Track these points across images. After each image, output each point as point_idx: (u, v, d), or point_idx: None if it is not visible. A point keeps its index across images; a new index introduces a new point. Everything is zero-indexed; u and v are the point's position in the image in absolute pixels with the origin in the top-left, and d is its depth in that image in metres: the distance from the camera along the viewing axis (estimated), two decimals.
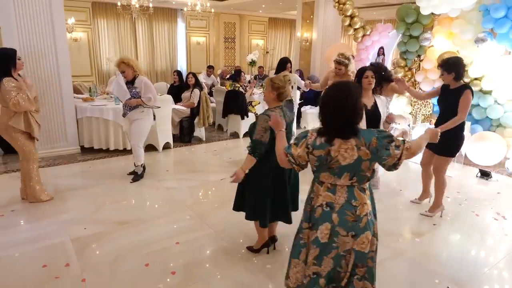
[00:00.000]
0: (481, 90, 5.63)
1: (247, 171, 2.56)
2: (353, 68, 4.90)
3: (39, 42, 5.01)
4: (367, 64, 7.65)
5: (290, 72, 5.32)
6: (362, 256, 1.83)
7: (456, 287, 2.61)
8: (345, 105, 1.75)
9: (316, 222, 1.86)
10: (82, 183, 4.44)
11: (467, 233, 3.50)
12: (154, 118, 4.62)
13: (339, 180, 1.81)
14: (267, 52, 14.27)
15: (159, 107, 4.61)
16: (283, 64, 5.25)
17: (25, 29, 4.88)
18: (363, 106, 1.86)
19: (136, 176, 4.54)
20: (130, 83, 4.26)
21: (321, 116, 1.83)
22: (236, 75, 8.03)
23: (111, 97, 6.00)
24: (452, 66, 3.37)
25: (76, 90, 6.89)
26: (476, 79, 5.65)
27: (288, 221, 2.76)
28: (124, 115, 4.41)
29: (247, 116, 6.56)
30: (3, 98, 3.41)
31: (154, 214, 3.68)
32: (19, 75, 3.59)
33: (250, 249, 2.94)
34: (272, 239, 2.97)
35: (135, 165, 4.58)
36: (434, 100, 5.92)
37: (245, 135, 6.62)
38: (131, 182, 4.45)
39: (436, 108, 5.89)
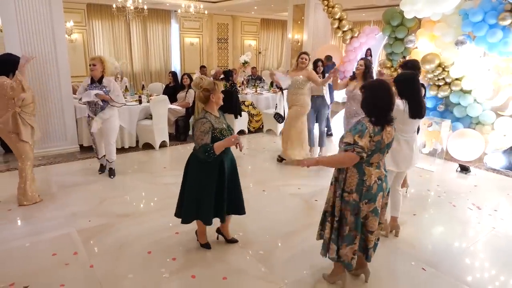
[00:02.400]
0: (461, 90, 5.96)
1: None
2: (311, 67, 5.32)
3: (39, 44, 5.20)
4: (355, 65, 7.97)
5: (318, 72, 5.48)
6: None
7: (430, 269, 2.89)
8: (393, 101, 2.32)
9: (373, 197, 2.34)
10: (83, 179, 4.66)
11: (443, 221, 3.81)
12: (151, 117, 4.77)
13: (383, 156, 2.36)
14: (259, 53, 14.53)
15: (125, 105, 4.82)
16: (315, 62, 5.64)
17: (26, 32, 5.07)
18: None
19: (113, 171, 4.74)
20: (98, 82, 4.42)
21: (376, 111, 2.27)
22: (229, 74, 8.27)
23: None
24: (411, 68, 3.89)
25: (74, 91, 7.06)
26: (456, 79, 5.97)
27: (222, 219, 2.91)
28: (95, 114, 4.47)
29: (240, 115, 6.81)
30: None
31: (154, 208, 3.92)
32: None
33: (201, 245, 3.08)
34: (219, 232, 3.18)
35: (109, 161, 4.73)
36: None
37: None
38: (111, 178, 4.67)
39: None
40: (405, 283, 2.73)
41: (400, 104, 3.09)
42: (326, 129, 5.75)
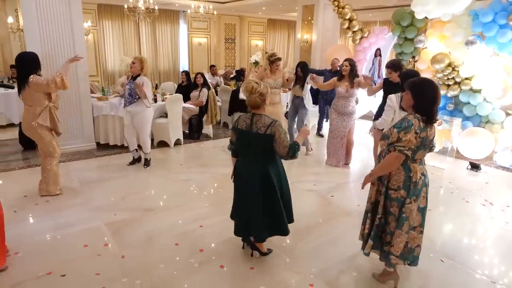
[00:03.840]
0: (471, 89, 6.05)
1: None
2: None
3: (59, 43, 5.32)
4: (364, 65, 8.08)
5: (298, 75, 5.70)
6: None
7: (449, 260, 3.00)
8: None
9: (419, 193, 2.38)
10: (103, 176, 4.78)
11: (457, 216, 3.91)
12: (166, 116, 4.97)
13: (426, 153, 2.39)
14: (266, 53, 14.62)
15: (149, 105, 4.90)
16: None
17: (46, 31, 5.20)
18: None
19: (148, 162, 5.09)
20: (133, 78, 4.73)
21: (429, 109, 2.29)
22: (240, 74, 8.41)
23: (121, 96, 6.33)
24: (397, 66, 4.43)
25: (90, 90, 7.19)
26: (466, 78, 6.06)
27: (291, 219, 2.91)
28: (124, 105, 4.85)
29: None
30: (31, 96, 3.70)
31: (175, 203, 4.03)
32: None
33: (262, 253, 2.95)
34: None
35: (144, 152, 5.10)
36: None
37: None
38: (145, 168, 5.01)
39: None
40: (425, 273, 2.83)
41: (393, 98, 3.66)
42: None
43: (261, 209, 2.66)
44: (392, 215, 2.44)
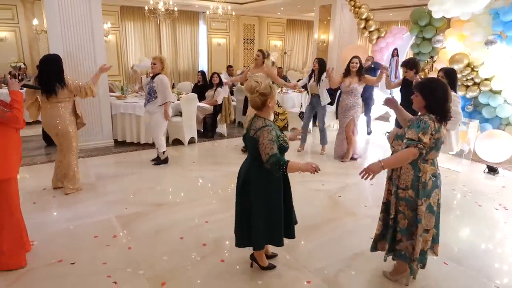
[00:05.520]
0: (491, 90, 5.87)
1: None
2: (270, 65, 5.87)
3: (80, 44, 5.56)
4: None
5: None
6: None
7: (452, 263, 2.95)
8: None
9: (428, 193, 2.38)
10: (119, 171, 4.96)
11: (468, 220, 3.82)
12: (181, 115, 5.12)
13: (437, 153, 2.39)
14: (285, 53, 14.65)
15: (173, 101, 5.11)
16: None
17: (68, 34, 5.44)
18: None
19: (159, 160, 5.20)
20: (152, 78, 4.87)
21: (442, 107, 2.31)
22: None
23: (141, 95, 6.57)
24: (412, 65, 4.58)
25: (110, 89, 7.44)
26: (486, 79, 5.89)
27: (292, 235, 2.69)
28: (145, 105, 5.05)
29: None
30: (65, 93, 3.91)
31: (185, 199, 4.15)
32: None
33: (263, 268, 2.80)
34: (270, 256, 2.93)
35: (158, 152, 5.22)
36: None
37: None
38: (153, 164, 5.17)
39: None
40: (429, 274, 2.78)
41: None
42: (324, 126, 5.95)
43: (238, 211, 2.59)
44: (402, 213, 2.44)
